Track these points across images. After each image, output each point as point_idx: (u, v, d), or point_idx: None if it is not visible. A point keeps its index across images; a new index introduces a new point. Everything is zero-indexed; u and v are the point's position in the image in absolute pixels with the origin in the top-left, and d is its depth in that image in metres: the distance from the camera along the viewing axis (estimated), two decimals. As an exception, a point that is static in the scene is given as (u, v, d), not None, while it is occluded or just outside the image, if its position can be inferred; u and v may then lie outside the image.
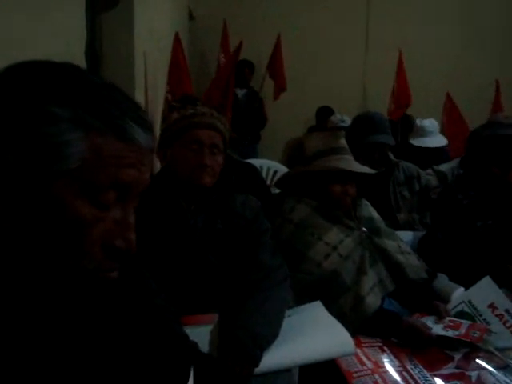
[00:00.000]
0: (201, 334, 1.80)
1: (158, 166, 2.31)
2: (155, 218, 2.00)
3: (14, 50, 1.86)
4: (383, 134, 3.36)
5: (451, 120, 6.68)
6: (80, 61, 2.64)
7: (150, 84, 4.57)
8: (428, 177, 3.73)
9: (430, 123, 4.90)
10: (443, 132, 6.33)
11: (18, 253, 0.81)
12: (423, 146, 4.73)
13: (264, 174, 5.35)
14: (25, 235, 0.80)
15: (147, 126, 0.86)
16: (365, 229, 2.47)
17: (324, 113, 7.48)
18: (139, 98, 4.14)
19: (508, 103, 7.27)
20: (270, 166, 5.55)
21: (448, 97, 6.85)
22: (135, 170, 0.84)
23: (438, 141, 4.86)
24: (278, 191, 2.92)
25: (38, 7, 2.12)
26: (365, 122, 3.39)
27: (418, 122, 4.99)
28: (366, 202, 2.67)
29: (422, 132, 4.82)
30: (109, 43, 3.88)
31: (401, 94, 7.09)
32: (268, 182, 5.22)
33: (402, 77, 7.19)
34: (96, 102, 0.81)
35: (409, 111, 6.87)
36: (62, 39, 2.39)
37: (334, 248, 2.32)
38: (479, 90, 7.60)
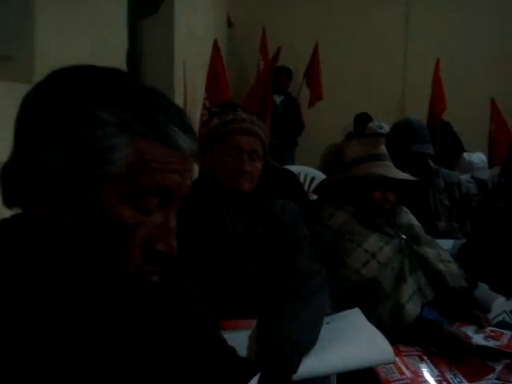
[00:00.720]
0: (239, 339, 1.80)
1: (196, 171, 2.32)
2: (195, 222, 2.01)
3: (53, 56, 1.90)
4: (424, 142, 3.33)
5: (497, 128, 6.56)
6: (120, 66, 2.67)
7: (188, 90, 4.60)
8: (468, 185, 3.69)
9: (479, 158, 4.83)
10: (491, 141, 6.25)
11: (60, 255, 0.82)
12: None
13: (301, 181, 5.33)
14: (68, 238, 0.80)
15: (190, 132, 0.86)
16: (404, 236, 2.45)
17: (362, 119, 7.44)
18: (178, 103, 4.17)
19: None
20: (308, 173, 5.53)
21: (493, 104, 6.72)
22: (178, 175, 0.84)
23: (483, 175, 4.67)
24: (315, 198, 2.91)
25: (79, 13, 2.15)
26: (405, 130, 3.36)
27: (466, 156, 4.89)
28: (406, 209, 2.64)
29: (470, 167, 4.73)
30: (149, 49, 3.93)
31: (436, 102, 7.02)
32: (305, 189, 5.20)
33: (439, 84, 7.11)
34: (141, 106, 0.81)
35: (448, 119, 6.80)
36: (103, 46, 2.42)
37: (373, 255, 2.31)
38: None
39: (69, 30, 2.06)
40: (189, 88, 4.60)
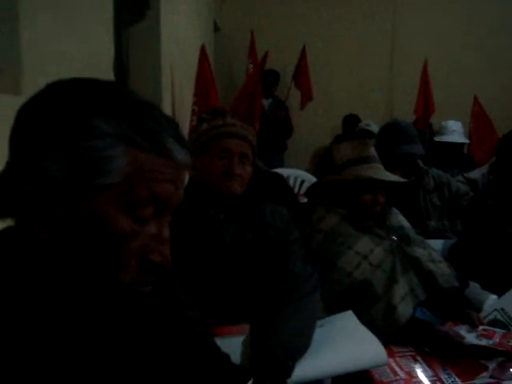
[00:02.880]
0: (232, 345, 1.79)
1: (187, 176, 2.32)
2: (185, 228, 2.01)
3: (43, 62, 1.90)
4: (413, 143, 3.34)
5: (480, 125, 6.60)
6: (107, 73, 2.67)
7: (176, 96, 4.60)
8: (458, 184, 3.71)
9: (454, 123, 5.02)
10: (472, 137, 6.31)
11: (57, 265, 0.82)
12: (443, 140, 4.88)
13: (291, 184, 5.34)
14: (65, 247, 0.81)
15: (185, 144, 0.88)
16: (395, 237, 2.45)
17: (351, 121, 7.48)
18: (166, 109, 4.17)
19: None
20: (298, 176, 5.55)
21: (476, 101, 6.77)
22: (173, 185, 0.85)
23: (458, 138, 4.97)
24: (305, 200, 2.91)
25: (65, 21, 2.15)
26: (393, 132, 3.37)
27: (442, 122, 5.13)
28: (396, 210, 2.65)
29: (445, 130, 4.96)
30: (136, 56, 3.92)
31: (425, 104, 7.07)
32: (295, 192, 5.21)
33: (427, 87, 7.16)
34: (138, 118, 0.83)
35: (436, 119, 6.83)
36: (90, 53, 2.42)
37: (365, 257, 2.31)
38: (507, 95, 7.54)
39: (55, 40, 2.05)
40: (177, 94, 4.60)
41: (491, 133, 6.39)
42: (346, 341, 1.95)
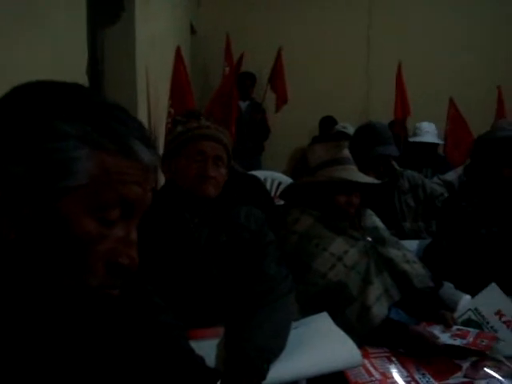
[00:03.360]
0: (207, 348, 1.80)
1: (163, 179, 2.31)
2: (159, 231, 2.00)
3: (13, 68, 1.87)
4: (387, 145, 3.36)
5: (456, 127, 6.67)
6: (81, 76, 2.65)
7: (152, 98, 4.58)
8: (433, 185, 3.74)
9: (427, 125, 5.20)
10: (448, 139, 6.38)
11: (23, 267, 0.81)
12: (417, 140, 5.07)
13: (268, 186, 5.34)
14: (32, 250, 0.80)
15: (151, 146, 0.87)
16: (369, 239, 2.47)
17: (327, 123, 7.51)
18: (142, 112, 4.15)
19: (511, 110, 7.29)
20: (274, 178, 5.54)
21: (451, 103, 6.84)
22: (140, 187, 0.85)
23: (432, 138, 5.15)
24: (282, 203, 2.92)
25: (37, 24, 2.13)
26: (368, 133, 3.39)
27: (417, 124, 5.31)
28: (371, 211, 2.67)
29: (419, 131, 5.13)
30: (110, 58, 3.89)
31: (402, 107, 7.15)
32: (272, 194, 5.21)
33: (402, 89, 7.23)
34: (103, 120, 0.82)
35: (413, 121, 6.89)
36: (63, 55, 2.40)
37: (339, 259, 2.32)
38: (482, 97, 7.62)
39: (27, 42, 2.03)
40: (152, 96, 4.58)
41: (467, 135, 6.46)
42: (320, 342, 1.95)
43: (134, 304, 1.14)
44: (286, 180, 5.44)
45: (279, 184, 5.46)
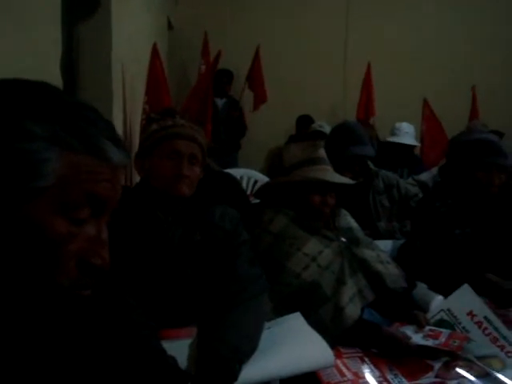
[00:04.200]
0: (179, 348, 1.78)
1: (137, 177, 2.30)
2: (133, 230, 1.99)
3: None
4: (363, 145, 3.38)
5: (430, 127, 6.75)
6: (56, 73, 2.62)
7: (128, 95, 4.55)
8: (408, 185, 3.76)
9: (407, 126, 5.30)
10: (423, 140, 6.46)
11: None
12: (396, 141, 5.15)
13: (244, 184, 5.35)
14: (2, 251, 0.79)
15: (121, 145, 0.88)
16: (344, 239, 2.47)
17: (304, 121, 7.52)
18: (117, 109, 4.12)
19: (485, 110, 7.39)
20: (251, 176, 5.54)
21: (426, 104, 6.92)
22: (109, 184, 0.85)
23: (410, 140, 5.25)
24: (257, 201, 2.91)
25: (11, 19, 2.10)
26: (343, 133, 3.40)
27: (396, 124, 5.38)
28: (345, 211, 2.67)
29: (398, 132, 5.22)
30: (86, 54, 3.86)
31: (365, 108, 7.26)
32: (248, 192, 5.21)
33: (369, 90, 7.34)
34: (72, 120, 0.82)
35: (389, 122, 6.96)
36: (37, 51, 2.37)
37: (313, 259, 2.32)
38: (456, 98, 7.71)
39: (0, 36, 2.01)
40: (128, 93, 4.56)
41: (442, 135, 6.54)
42: (292, 343, 1.95)
43: (106, 304, 1.14)
44: (263, 178, 5.44)
45: (255, 182, 5.46)
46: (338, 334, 2.20)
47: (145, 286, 1.91)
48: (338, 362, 2.06)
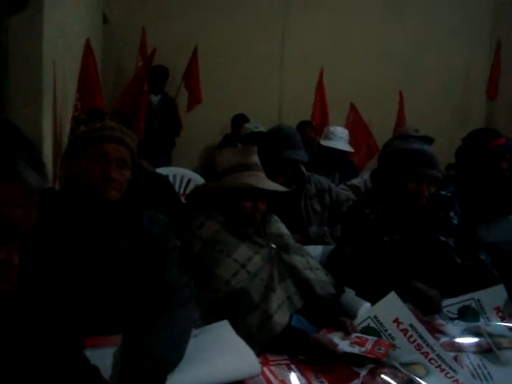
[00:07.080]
0: (103, 357, 1.74)
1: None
2: (57, 234, 1.93)
3: None
4: (296, 149, 3.39)
5: (356, 130, 6.87)
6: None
7: (59, 92, 4.43)
8: (339, 190, 3.80)
9: (342, 130, 5.35)
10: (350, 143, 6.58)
11: None
12: (331, 146, 5.10)
13: (177, 183, 5.32)
14: None
15: (40, 167, 0.86)
16: (274, 245, 2.47)
17: (239, 120, 7.53)
18: (47, 106, 4.01)
19: (410, 114, 7.60)
20: (184, 175, 5.52)
21: (352, 107, 7.09)
22: (23, 210, 0.83)
23: (345, 146, 5.26)
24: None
25: None
26: (277, 137, 3.41)
27: (331, 128, 5.42)
28: (276, 217, 2.67)
29: (333, 136, 5.20)
30: (16, 48, 3.73)
31: (321, 114, 7.32)
32: (182, 191, 5.19)
33: (322, 95, 7.42)
34: None
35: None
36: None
37: (243, 265, 2.31)
38: (383, 102, 7.89)
39: None
40: (60, 89, 4.44)
41: (366, 137, 6.69)
42: (219, 352, 1.93)
43: (24, 315, 1.10)
44: (196, 177, 5.43)
45: (189, 181, 5.45)
46: (265, 342, 2.19)
47: (69, 293, 1.86)
48: (265, 369, 2.05)
